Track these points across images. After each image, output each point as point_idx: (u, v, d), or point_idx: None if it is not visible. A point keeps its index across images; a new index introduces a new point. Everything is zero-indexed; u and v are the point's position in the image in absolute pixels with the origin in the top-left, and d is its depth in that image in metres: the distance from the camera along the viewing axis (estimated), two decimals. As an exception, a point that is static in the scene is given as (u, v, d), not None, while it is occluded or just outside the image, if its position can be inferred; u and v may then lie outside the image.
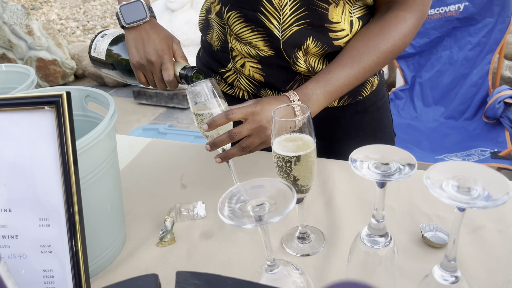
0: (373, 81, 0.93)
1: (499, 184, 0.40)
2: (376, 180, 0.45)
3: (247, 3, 0.77)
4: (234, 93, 0.93)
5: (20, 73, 0.89)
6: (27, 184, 0.50)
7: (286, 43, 0.78)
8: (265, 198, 0.45)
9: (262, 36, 0.79)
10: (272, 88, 0.88)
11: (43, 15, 5.71)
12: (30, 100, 0.49)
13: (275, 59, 0.82)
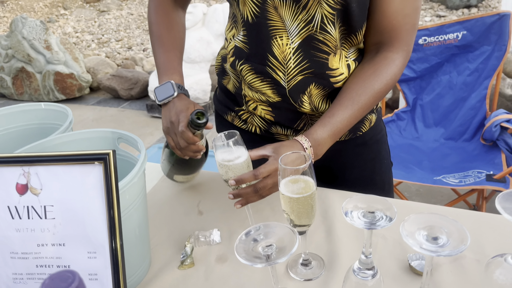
0: (371, 118, 1.04)
1: (460, 234, 0.51)
2: (364, 227, 0.55)
3: (257, 58, 0.90)
4: (247, 128, 1.05)
5: (58, 111, 1.01)
6: (78, 224, 0.62)
7: (291, 90, 0.90)
8: (273, 240, 0.56)
9: (270, 85, 0.92)
10: (281, 126, 1.00)
11: (59, 27, 5.90)
12: (83, 156, 0.60)
13: (282, 103, 0.93)
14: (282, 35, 0.86)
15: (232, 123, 1.08)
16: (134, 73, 4.18)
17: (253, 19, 0.87)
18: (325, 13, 0.82)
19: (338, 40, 0.86)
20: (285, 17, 0.84)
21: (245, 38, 0.91)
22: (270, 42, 0.87)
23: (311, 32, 0.84)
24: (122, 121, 3.81)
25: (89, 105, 4.23)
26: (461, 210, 0.91)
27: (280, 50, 0.87)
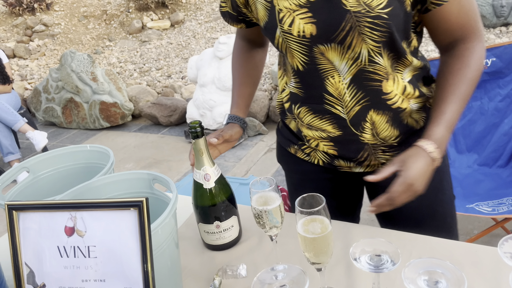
0: None
1: (458, 280, 0.54)
2: (371, 271, 0.60)
3: (313, 99, 0.96)
4: (310, 160, 1.11)
5: (101, 152, 1.12)
6: (116, 262, 0.70)
7: (352, 120, 0.95)
8: (286, 281, 0.62)
9: (330, 120, 0.97)
10: (344, 159, 1.04)
11: (105, 58, 6.27)
12: (121, 204, 0.69)
13: (344, 136, 0.98)
14: (333, 74, 0.91)
15: (295, 155, 1.14)
16: (173, 101, 4.37)
17: (304, 67, 0.93)
18: (370, 48, 0.86)
19: (389, 66, 0.89)
20: (333, 59, 0.89)
21: (298, 84, 0.97)
22: (323, 83, 0.93)
23: (360, 67, 0.89)
24: (162, 147, 3.97)
25: (131, 132, 4.45)
26: (480, 246, 0.92)
27: (334, 87, 0.92)
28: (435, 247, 0.94)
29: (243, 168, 3.35)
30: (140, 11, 7.22)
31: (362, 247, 0.62)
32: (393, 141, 0.99)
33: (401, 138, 0.99)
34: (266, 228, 0.86)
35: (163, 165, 3.62)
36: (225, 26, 6.39)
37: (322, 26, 0.86)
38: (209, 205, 0.99)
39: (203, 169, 0.98)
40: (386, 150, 1.01)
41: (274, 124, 4.06)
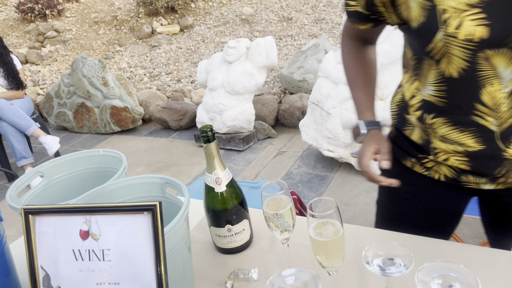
0: None
1: (471, 284, 0.54)
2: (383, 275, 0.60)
3: (459, 110, 0.85)
4: (429, 174, 1.00)
5: (113, 157, 1.13)
6: (130, 265, 0.71)
7: (503, 134, 0.84)
8: (299, 284, 0.62)
9: (473, 134, 0.86)
10: (475, 174, 0.93)
11: (115, 63, 6.34)
12: (134, 208, 0.70)
13: (485, 151, 0.86)
14: (493, 82, 0.80)
15: (412, 169, 1.03)
16: (183, 105, 4.40)
17: (461, 74, 0.82)
18: None
19: None
20: (499, 65, 0.78)
21: (443, 93, 0.87)
22: (478, 92, 0.82)
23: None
24: (172, 151, 4.00)
25: (142, 136, 4.48)
26: (494, 250, 0.92)
27: (491, 96, 0.81)
28: (447, 251, 0.93)
29: (253, 172, 3.36)
30: (150, 16, 7.29)
31: (375, 250, 0.62)
32: None
33: None
34: (278, 232, 0.87)
35: (173, 168, 3.64)
36: (234, 31, 6.42)
37: (497, 29, 0.74)
38: (221, 208, 1.00)
39: (215, 173, 0.99)
40: None
41: (283, 127, 4.06)
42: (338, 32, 5.56)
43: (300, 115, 3.86)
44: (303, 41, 5.63)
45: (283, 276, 0.65)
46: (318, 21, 6.04)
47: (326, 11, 6.21)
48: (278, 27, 6.18)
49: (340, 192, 2.84)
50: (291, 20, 6.22)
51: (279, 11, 6.52)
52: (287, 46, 5.55)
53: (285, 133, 3.95)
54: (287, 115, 3.98)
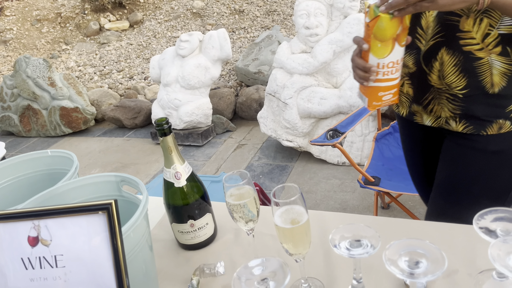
0: (502, 124, 0.97)
1: (438, 259, 0.54)
2: (350, 257, 0.59)
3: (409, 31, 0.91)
4: (398, 111, 1.18)
5: (64, 157, 1.06)
6: (87, 270, 0.66)
7: (424, 55, 0.98)
8: (267, 274, 0.60)
9: (412, 55, 1.01)
10: (416, 102, 1.08)
11: (62, 63, 6.05)
12: (87, 207, 0.65)
13: (417, 73, 1.02)
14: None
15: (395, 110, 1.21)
16: (137, 102, 4.27)
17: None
18: None
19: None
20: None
21: None
22: (420, 16, 0.96)
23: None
24: (128, 150, 3.88)
25: (95, 136, 4.31)
26: (455, 225, 0.94)
27: (426, 20, 0.96)
28: (411, 229, 0.95)
29: (214, 166, 3.32)
30: (97, 13, 7.01)
31: (342, 233, 0.61)
32: (458, 91, 0.98)
33: (468, 92, 0.96)
34: (242, 223, 0.84)
35: (130, 168, 3.53)
36: (186, 25, 6.30)
37: None
38: (182, 204, 0.96)
39: (173, 167, 0.95)
40: (450, 99, 1.00)
41: (241, 120, 4.04)
42: (290, 23, 5.59)
43: (257, 107, 3.85)
44: (256, 33, 5.61)
45: (249, 267, 0.63)
46: (269, 13, 6.05)
47: (277, 2, 6.23)
48: (230, 20, 6.13)
49: (301, 181, 2.87)
50: (243, 12, 6.18)
51: (230, 4, 6.46)
52: (240, 39, 5.52)
53: (243, 126, 3.93)
54: (245, 107, 3.96)
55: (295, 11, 2.94)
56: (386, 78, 0.92)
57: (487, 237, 0.59)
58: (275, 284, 0.58)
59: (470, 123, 1.00)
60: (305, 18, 2.86)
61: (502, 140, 0.99)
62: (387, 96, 0.94)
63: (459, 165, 1.06)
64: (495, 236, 0.61)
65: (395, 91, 0.95)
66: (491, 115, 0.97)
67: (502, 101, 0.96)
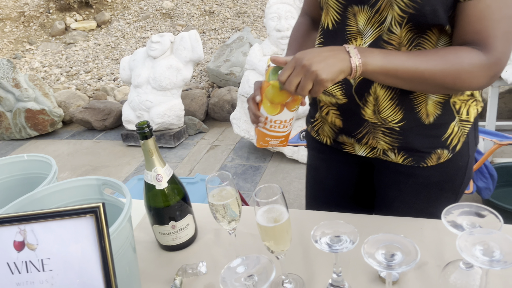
0: (441, 153, 0.96)
1: (411, 251, 0.59)
2: (330, 252, 0.63)
3: None
4: (320, 139, 1.13)
5: (41, 161, 1.05)
6: (74, 273, 0.67)
7: (357, 88, 0.93)
8: (253, 270, 0.63)
9: (340, 86, 0.95)
10: (347, 134, 1.03)
11: (26, 63, 5.86)
12: (75, 211, 0.66)
13: (349, 105, 0.96)
14: (356, 37, 0.91)
15: (310, 133, 1.18)
16: (106, 104, 4.20)
17: (334, 25, 0.94)
18: (395, 16, 0.83)
19: (405, 38, 0.85)
20: (361, 22, 0.89)
21: (321, 45, 0.97)
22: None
23: (380, 34, 0.87)
24: (98, 152, 3.81)
25: (63, 139, 4.21)
26: (424, 220, 1.00)
27: None
28: (383, 225, 1.00)
29: (187, 168, 3.32)
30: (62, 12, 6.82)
31: (322, 229, 0.65)
32: (394, 125, 0.94)
33: (405, 124, 0.93)
34: (225, 223, 0.87)
35: (101, 171, 3.47)
36: (155, 25, 6.24)
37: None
38: (163, 206, 0.98)
39: (154, 170, 0.96)
40: (386, 133, 0.96)
41: (213, 122, 4.05)
42: (261, 25, 5.64)
43: (230, 108, 3.87)
44: (227, 34, 5.63)
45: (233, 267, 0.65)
46: (240, 15, 6.07)
47: (247, 4, 6.27)
48: (200, 21, 6.12)
49: (274, 181, 2.91)
50: (213, 13, 6.18)
51: (200, 5, 6.44)
52: (211, 40, 5.52)
53: (216, 127, 3.94)
54: (217, 108, 3.97)
55: (266, 14, 2.98)
56: (273, 130, 0.93)
57: (454, 230, 0.65)
58: (261, 280, 0.61)
59: (409, 155, 0.97)
60: (276, 21, 2.91)
61: (443, 170, 0.99)
62: (273, 142, 0.96)
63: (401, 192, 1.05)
64: (462, 229, 0.66)
65: (283, 140, 0.96)
66: (429, 146, 0.96)
67: (438, 131, 0.95)
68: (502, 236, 0.58)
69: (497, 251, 0.57)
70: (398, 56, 0.80)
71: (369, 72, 0.80)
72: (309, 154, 1.24)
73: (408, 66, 0.79)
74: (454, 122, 0.94)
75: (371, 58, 0.79)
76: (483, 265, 0.55)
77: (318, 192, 1.23)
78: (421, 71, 0.79)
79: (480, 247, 0.58)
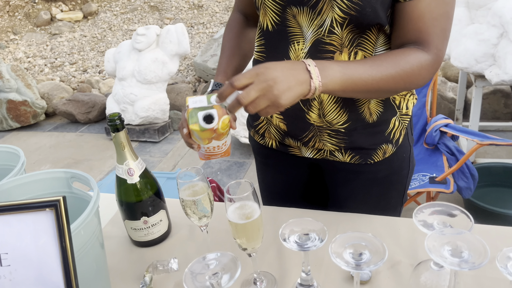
0: (386, 149, 0.98)
1: (379, 250, 0.58)
2: (298, 250, 0.61)
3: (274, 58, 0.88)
4: (265, 143, 1.10)
5: (9, 153, 1.02)
6: (33, 268, 0.65)
7: None
8: (219, 268, 0.61)
9: None
10: (293, 137, 1.01)
11: (10, 53, 5.74)
12: (34, 204, 0.63)
13: (292, 110, 0.90)
14: (299, 40, 0.88)
15: (253, 138, 1.13)
16: (91, 97, 4.14)
17: (274, 27, 0.90)
18: (335, 17, 0.82)
19: (346, 39, 0.84)
20: (303, 23, 0.86)
21: (263, 47, 0.94)
22: (287, 48, 0.89)
23: (319, 36, 0.85)
24: (81, 145, 3.75)
25: (46, 131, 4.14)
26: (398, 218, 0.99)
27: (295, 55, 0.88)
28: (358, 223, 0.99)
29: (170, 163, 3.28)
30: (48, 2, 6.69)
31: (291, 227, 0.63)
32: (340, 127, 0.94)
33: (350, 125, 0.94)
34: (196, 218, 0.85)
35: (83, 164, 3.42)
36: (143, 18, 6.16)
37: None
38: (135, 200, 0.95)
39: (126, 163, 0.94)
40: (332, 135, 0.96)
41: (199, 117, 4.01)
42: (250, 20, 5.59)
43: (215, 103, 3.84)
44: (215, 28, 5.58)
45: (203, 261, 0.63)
46: (228, 9, 6.03)
47: (237, -1, 6.21)
48: (189, 14, 6.06)
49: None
50: (202, 7, 6.13)
51: (189, -2, 6.38)
52: (199, 34, 5.47)
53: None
54: (203, 103, 3.94)
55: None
56: (210, 153, 0.89)
57: (425, 230, 0.64)
58: (226, 278, 0.59)
59: (356, 153, 0.98)
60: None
61: (389, 164, 1.00)
62: (215, 157, 0.92)
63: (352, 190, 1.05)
64: (433, 229, 0.65)
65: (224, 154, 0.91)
66: (375, 143, 0.96)
67: (381, 127, 0.96)
68: (471, 236, 0.57)
69: (465, 252, 0.56)
70: (355, 69, 0.78)
71: (327, 91, 0.77)
72: (256, 160, 1.21)
73: (364, 78, 0.78)
74: (395, 117, 0.96)
75: (331, 77, 0.76)
76: (452, 266, 0.54)
77: (270, 197, 1.21)
78: (376, 81, 0.79)
79: (449, 247, 0.57)
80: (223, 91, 0.74)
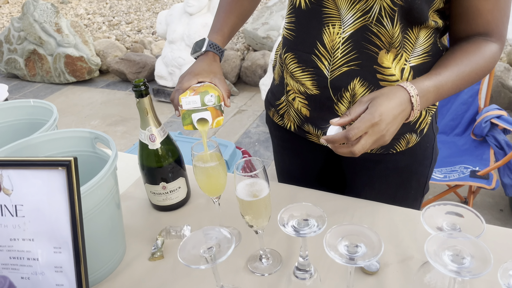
0: (410, 138, 0.95)
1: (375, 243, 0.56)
2: (296, 236, 0.60)
3: (303, 46, 0.88)
4: (283, 124, 1.07)
5: (45, 108, 1.07)
6: (45, 222, 0.69)
7: (334, 81, 0.86)
8: (214, 243, 0.62)
9: (311, 76, 0.89)
10: (313, 125, 0.97)
11: (72, 9, 5.97)
12: (48, 162, 0.67)
13: (320, 97, 0.89)
14: (335, 23, 0.83)
15: (272, 118, 1.11)
16: (142, 57, 4.24)
17: (307, 5, 0.85)
18: (384, 6, 0.77)
19: (395, 37, 0.81)
20: (341, 6, 0.81)
21: (293, 25, 0.90)
22: (321, 30, 0.84)
23: (366, 23, 0.80)
24: (129, 104, 3.89)
25: (99, 88, 4.32)
26: (418, 212, 0.95)
27: (330, 39, 0.84)
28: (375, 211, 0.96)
29: (210, 131, 3.33)
30: (111, -40, 6.83)
31: (291, 212, 0.62)
32: None
33: None
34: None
35: (129, 123, 3.55)
36: (200, -19, 6.14)
37: None
38: (155, 166, 0.98)
39: (148, 129, 0.96)
40: None
41: (244, 85, 4.01)
42: (307, -11, 5.42)
43: (262, 73, 3.81)
44: (271, -4, 5.47)
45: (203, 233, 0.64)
46: (287, -24, 5.86)
47: (296, -34, 6.02)
48: (246, -20, 5.96)
49: (295, 152, 2.88)
50: (260, -27, 6.00)
51: (247, -37, 6.26)
52: (253, 1, 5.38)
53: (246, 91, 3.91)
54: (249, 72, 3.92)
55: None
56: None
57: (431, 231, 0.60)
58: (219, 253, 0.60)
59: None
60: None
61: (411, 153, 0.97)
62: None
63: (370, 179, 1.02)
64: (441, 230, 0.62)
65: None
66: (399, 132, 0.90)
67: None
68: (476, 242, 0.53)
69: (467, 258, 0.53)
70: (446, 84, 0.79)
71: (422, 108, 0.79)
72: (273, 142, 1.19)
73: (449, 89, 0.80)
74: None
75: (427, 103, 0.78)
76: (450, 273, 0.51)
77: (286, 180, 1.19)
78: (458, 86, 0.81)
79: (450, 252, 0.54)
80: (336, 140, 0.74)
